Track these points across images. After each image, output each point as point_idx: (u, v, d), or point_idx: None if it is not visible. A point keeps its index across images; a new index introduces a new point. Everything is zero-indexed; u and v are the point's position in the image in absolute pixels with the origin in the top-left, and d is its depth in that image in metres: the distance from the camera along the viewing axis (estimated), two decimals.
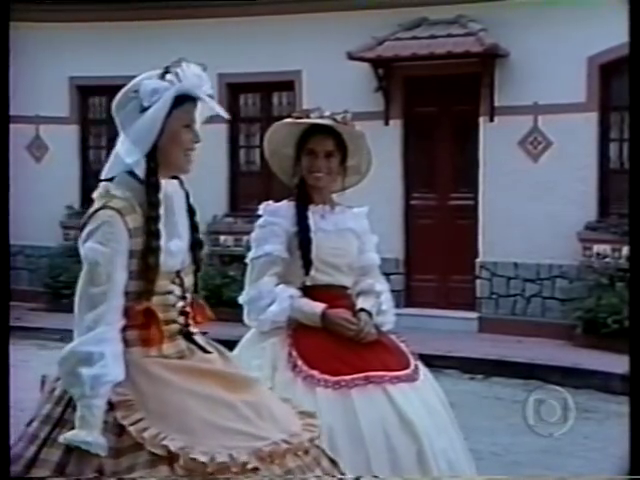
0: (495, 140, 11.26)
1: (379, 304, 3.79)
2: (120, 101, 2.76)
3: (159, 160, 2.74)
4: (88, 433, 2.49)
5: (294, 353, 3.55)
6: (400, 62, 11.62)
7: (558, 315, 10.95)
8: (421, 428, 3.42)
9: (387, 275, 12.04)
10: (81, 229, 2.67)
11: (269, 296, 3.60)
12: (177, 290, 2.76)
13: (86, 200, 12.67)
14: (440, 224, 11.79)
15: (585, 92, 10.91)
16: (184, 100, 2.75)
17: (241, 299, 3.71)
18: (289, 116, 3.80)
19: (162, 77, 2.73)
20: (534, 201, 11.02)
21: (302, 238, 3.65)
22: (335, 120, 3.66)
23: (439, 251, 11.66)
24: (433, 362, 4.78)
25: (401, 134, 11.96)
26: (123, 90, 2.76)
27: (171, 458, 2.50)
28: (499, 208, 11.23)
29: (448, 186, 11.85)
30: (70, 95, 13.69)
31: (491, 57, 11.15)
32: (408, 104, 11.93)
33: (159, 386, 2.61)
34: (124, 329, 2.64)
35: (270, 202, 3.77)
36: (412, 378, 3.59)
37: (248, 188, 12.68)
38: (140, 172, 2.73)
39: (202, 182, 12.30)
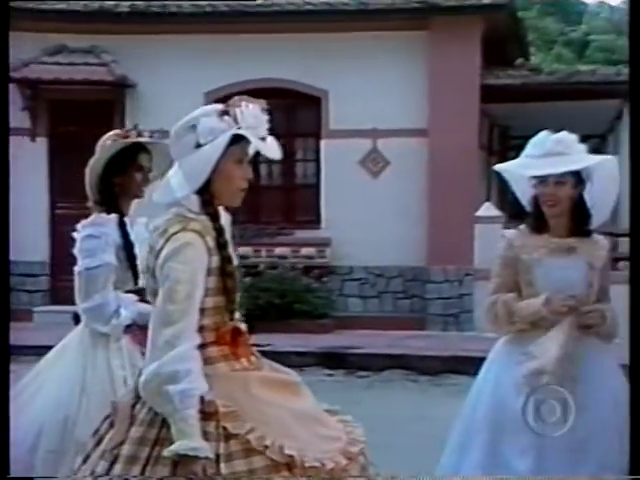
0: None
1: None
2: (178, 132, 2.77)
3: (212, 193, 2.77)
4: (191, 440, 2.56)
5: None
6: (44, 85, 12.75)
7: None
8: None
9: (35, 276, 13.18)
10: (159, 251, 2.70)
11: (115, 302, 3.75)
12: (237, 306, 2.85)
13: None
14: None
15: None
16: (240, 139, 2.74)
17: (82, 306, 3.79)
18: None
19: (220, 116, 2.73)
20: None
21: (130, 250, 3.85)
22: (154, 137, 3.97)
23: None
24: None
25: (47, 150, 13.11)
26: (182, 121, 2.77)
27: (288, 464, 2.65)
28: None
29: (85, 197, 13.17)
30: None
31: (121, 86, 12.64)
32: (53, 123, 13.13)
33: (256, 400, 2.72)
34: (205, 346, 2.70)
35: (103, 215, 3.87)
36: None
37: None
38: (190, 205, 2.76)
39: None
